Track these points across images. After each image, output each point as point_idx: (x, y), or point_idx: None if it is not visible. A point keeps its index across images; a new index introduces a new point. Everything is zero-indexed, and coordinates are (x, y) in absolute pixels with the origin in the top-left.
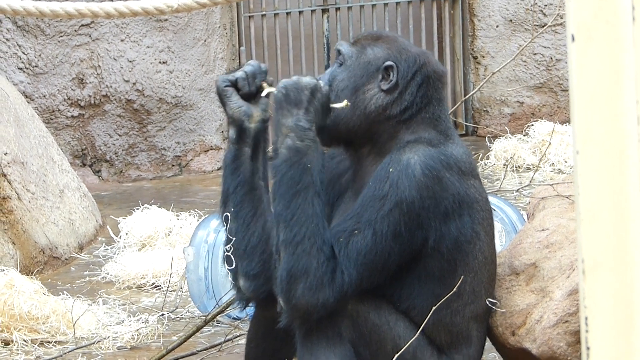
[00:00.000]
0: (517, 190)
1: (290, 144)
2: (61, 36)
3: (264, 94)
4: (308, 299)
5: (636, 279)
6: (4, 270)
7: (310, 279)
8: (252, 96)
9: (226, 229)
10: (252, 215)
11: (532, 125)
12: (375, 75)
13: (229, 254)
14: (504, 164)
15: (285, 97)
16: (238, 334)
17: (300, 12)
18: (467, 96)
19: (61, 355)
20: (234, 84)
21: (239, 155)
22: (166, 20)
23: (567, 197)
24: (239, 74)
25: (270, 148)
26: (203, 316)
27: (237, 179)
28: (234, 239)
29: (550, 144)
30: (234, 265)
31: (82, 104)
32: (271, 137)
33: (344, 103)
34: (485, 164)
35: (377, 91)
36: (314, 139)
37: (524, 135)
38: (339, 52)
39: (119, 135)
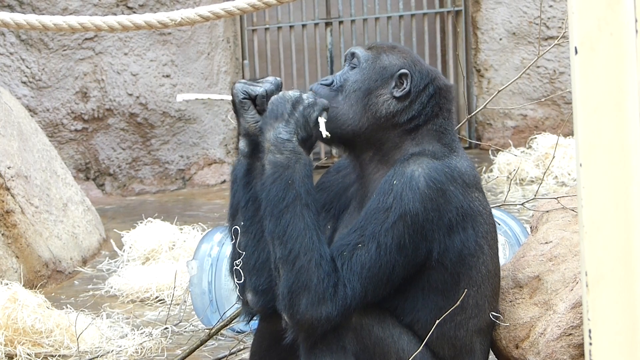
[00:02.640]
0: (522, 204)
1: (272, 159)
2: (65, 50)
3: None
4: (312, 314)
5: None
6: (7, 284)
7: (311, 294)
8: (263, 112)
9: (235, 242)
10: (262, 230)
11: (536, 138)
12: (389, 82)
13: (238, 267)
14: (507, 177)
15: (270, 112)
16: (242, 348)
17: (303, 26)
18: (473, 113)
19: None
20: (252, 99)
21: (251, 169)
22: (169, 33)
23: (572, 210)
24: (260, 91)
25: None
26: (207, 330)
27: (248, 193)
28: (244, 253)
29: (553, 157)
30: (242, 280)
31: (86, 117)
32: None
33: (324, 135)
34: (489, 177)
35: (389, 97)
36: (294, 150)
37: (528, 148)
38: (352, 55)
39: (123, 149)
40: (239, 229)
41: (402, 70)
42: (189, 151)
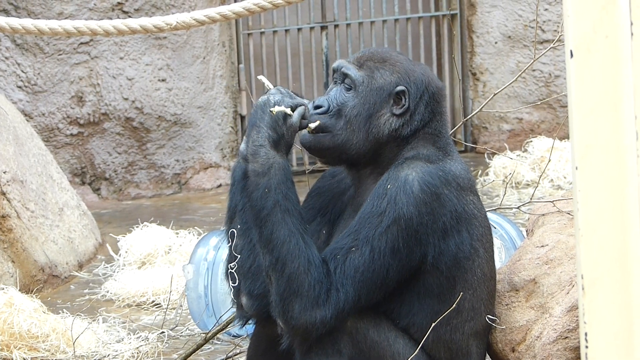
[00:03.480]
0: (518, 208)
1: (250, 168)
2: (60, 54)
3: (261, 79)
4: (306, 319)
5: (636, 295)
6: (3, 289)
7: (304, 299)
8: None
9: (231, 245)
10: None
11: (531, 141)
12: (387, 101)
13: (233, 271)
14: (503, 181)
15: (249, 122)
16: (238, 352)
17: (299, 30)
18: (468, 117)
19: None
20: None
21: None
22: (165, 38)
23: (567, 213)
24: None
25: None
26: (203, 334)
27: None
28: (239, 256)
29: (549, 160)
30: (237, 283)
31: (81, 122)
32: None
33: (316, 124)
34: (485, 181)
35: (389, 116)
36: (267, 155)
37: (523, 152)
38: (345, 75)
39: (118, 153)
40: (235, 232)
41: (399, 88)
42: (185, 155)
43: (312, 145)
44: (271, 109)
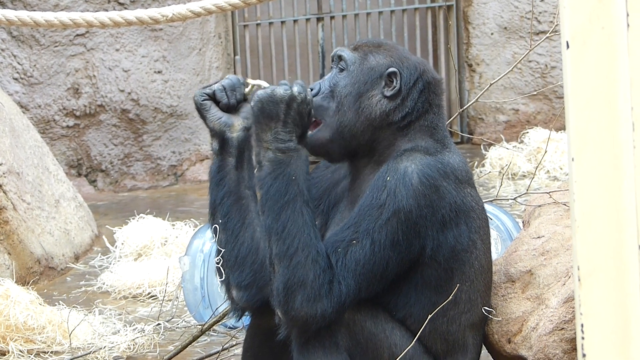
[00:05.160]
0: (514, 199)
1: (272, 157)
2: (56, 46)
3: (252, 82)
4: (307, 310)
5: (632, 285)
6: None
7: (307, 290)
8: (232, 108)
9: (216, 240)
10: (240, 225)
11: (527, 132)
12: (379, 82)
13: (219, 265)
14: (499, 172)
15: (262, 111)
16: (234, 344)
17: (295, 21)
18: (464, 107)
19: None
20: (212, 97)
21: (222, 166)
22: (161, 29)
23: (564, 204)
24: (216, 86)
25: (254, 159)
26: (199, 325)
27: (222, 190)
28: (224, 250)
29: (545, 151)
30: (224, 277)
31: (78, 113)
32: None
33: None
34: (481, 172)
35: (380, 97)
36: (295, 148)
37: (519, 143)
38: (340, 57)
39: (115, 145)
40: (217, 227)
41: (391, 69)
42: (181, 147)
43: (311, 143)
44: (302, 106)
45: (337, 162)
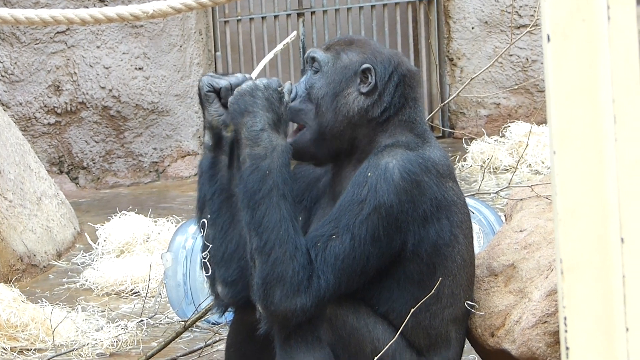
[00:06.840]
0: (496, 193)
1: (250, 152)
2: (37, 44)
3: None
4: (286, 305)
5: (615, 278)
6: None
7: (286, 285)
8: None
9: (203, 235)
10: (229, 222)
11: (509, 126)
12: (354, 79)
13: (206, 260)
14: (481, 166)
15: (234, 111)
16: (217, 339)
17: (275, 17)
18: (445, 102)
19: None
20: (217, 92)
21: (216, 162)
22: (142, 26)
23: (546, 198)
24: (224, 83)
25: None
26: (182, 322)
27: (214, 186)
28: (211, 245)
29: (527, 145)
30: (211, 272)
31: (59, 111)
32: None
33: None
34: (463, 166)
35: (357, 95)
36: (269, 138)
37: (501, 137)
38: (313, 59)
39: (96, 142)
40: (206, 222)
41: (364, 65)
42: (163, 143)
43: (296, 147)
44: (266, 92)
45: (323, 165)
